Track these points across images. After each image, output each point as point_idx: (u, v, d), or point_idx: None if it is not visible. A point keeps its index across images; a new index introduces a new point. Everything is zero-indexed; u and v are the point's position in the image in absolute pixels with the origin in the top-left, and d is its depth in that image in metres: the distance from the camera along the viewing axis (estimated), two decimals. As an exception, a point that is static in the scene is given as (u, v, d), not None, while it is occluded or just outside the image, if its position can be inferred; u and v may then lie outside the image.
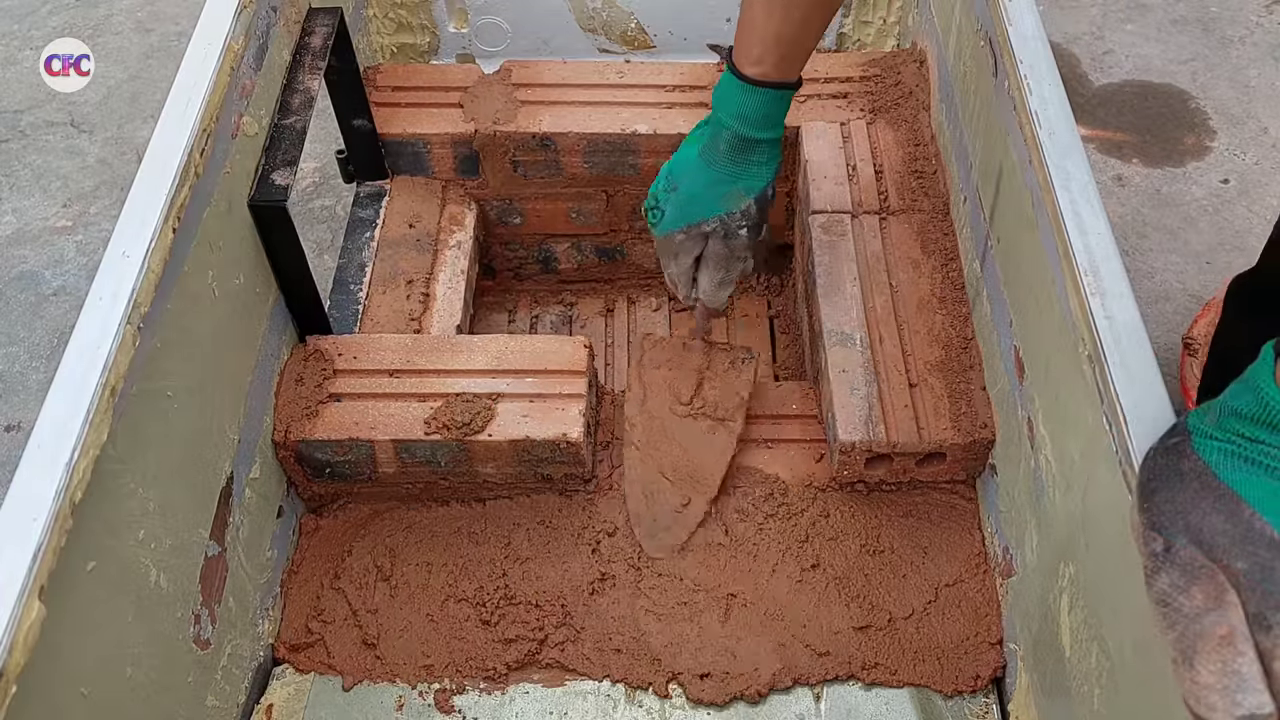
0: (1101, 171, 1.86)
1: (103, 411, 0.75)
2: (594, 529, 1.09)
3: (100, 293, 0.80)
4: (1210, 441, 0.59)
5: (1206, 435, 0.60)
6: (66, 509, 0.70)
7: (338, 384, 1.10)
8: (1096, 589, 0.78)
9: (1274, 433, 0.57)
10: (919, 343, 1.11)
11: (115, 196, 1.93)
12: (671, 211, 1.03)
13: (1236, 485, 0.57)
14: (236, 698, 0.97)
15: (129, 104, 2.09)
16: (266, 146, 1.04)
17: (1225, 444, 0.59)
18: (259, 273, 1.04)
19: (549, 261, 1.46)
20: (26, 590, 0.66)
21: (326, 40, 1.15)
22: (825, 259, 1.18)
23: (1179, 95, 2.03)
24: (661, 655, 1.02)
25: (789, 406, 1.17)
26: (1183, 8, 2.18)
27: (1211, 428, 0.60)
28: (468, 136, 1.30)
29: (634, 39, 1.52)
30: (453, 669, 1.02)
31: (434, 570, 1.08)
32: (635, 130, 1.30)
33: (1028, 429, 0.93)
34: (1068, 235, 0.81)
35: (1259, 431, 0.58)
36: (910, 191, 1.24)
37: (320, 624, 1.05)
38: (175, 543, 0.86)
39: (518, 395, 1.09)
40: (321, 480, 1.10)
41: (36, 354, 1.73)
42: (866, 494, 1.10)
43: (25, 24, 2.25)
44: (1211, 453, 0.59)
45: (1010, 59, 0.96)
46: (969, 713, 0.99)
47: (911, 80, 1.33)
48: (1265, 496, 0.56)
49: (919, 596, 1.04)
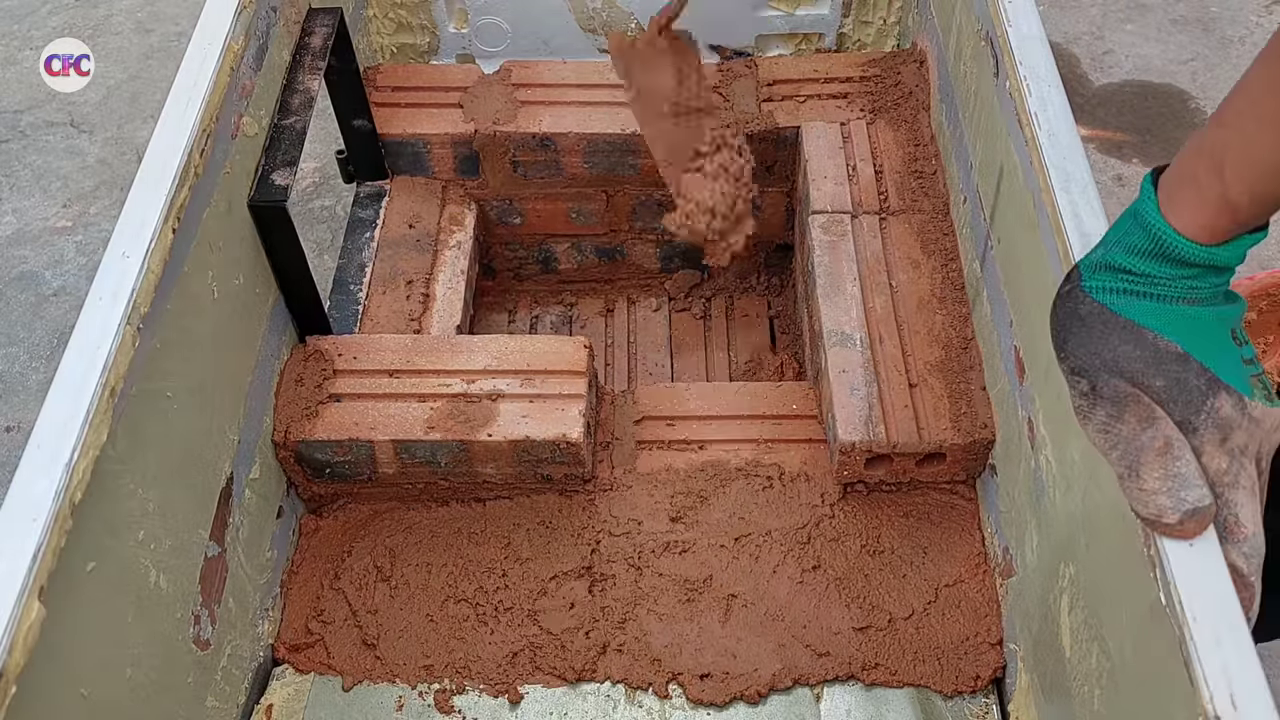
0: (1101, 171, 1.86)
1: (103, 412, 0.75)
2: (594, 529, 1.09)
3: (100, 293, 0.80)
4: (1101, 284, 0.65)
5: (1097, 278, 0.65)
6: (66, 509, 0.70)
7: (338, 384, 1.10)
8: (1097, 589, 0.78)
9: (1164, 263, 0.63)
10: (919, 343, 1.11)
11: (115, 196, 1.94)
12: None
13: (1134, 316, 0.63)
14: (236, 698, 0.97)
15: (129, 104, 2.09)
16: (266, 146, 1.04)
17: (1115, 284, 0.64)
18: (259, 273, 1.04)
19: (549, 261, 1.46)
20: (26, 590, 0.66)
21: (326, 40, 1.15)
22: (825, 259, 1.18)
23: (1179, 95, 2.03)
24: (661, 655, 1.02)
25: (789, 406, 1.17)
26: (1183, 8, 2.18)
27: (1104, 272, 0.65)
28: (468, 136, 1.30)
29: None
30: (452, 669, 1.02)
31: (434, 570, 1.08)
32: (635, 130, 1.29)
33: (1028, 429, 0.93)
34: (1067, 235, 0.81)
35: (1150, 264, 0.63)
36: (910, 191, 1.24)
37: (320, 624, 1.05)
38: (175, 543, 0.86)
39: (518, 395, 1.09)
40: (321, 480, 1.10)
41: (36, 354, 1.73)
42: (866, 494, 1.10)
43: (25, 24, 2.25)
44: (1104, 294, 0.65)
45: (1010, 59, 0.96)
46: (969, 713, 0.99)
47: (911, 80, 1.33)
48: (1162, 320, 0.63)
49: (919, 597, 1.04)
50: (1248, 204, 0.60)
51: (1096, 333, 0.65)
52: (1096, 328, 0.65)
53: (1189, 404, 0.63)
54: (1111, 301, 0.64)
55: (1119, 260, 0.64)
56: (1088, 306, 0.66)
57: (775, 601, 1.04)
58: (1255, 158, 0.58)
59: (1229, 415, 0.62)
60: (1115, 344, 0.64)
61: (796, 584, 1.05)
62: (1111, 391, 0.64)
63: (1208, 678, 0.59)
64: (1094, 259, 0.67)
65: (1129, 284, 0.64)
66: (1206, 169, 0.60)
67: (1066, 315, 0.67)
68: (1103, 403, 0.65)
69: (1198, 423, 0.62)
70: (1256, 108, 0.58)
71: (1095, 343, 0.65)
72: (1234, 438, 0.63)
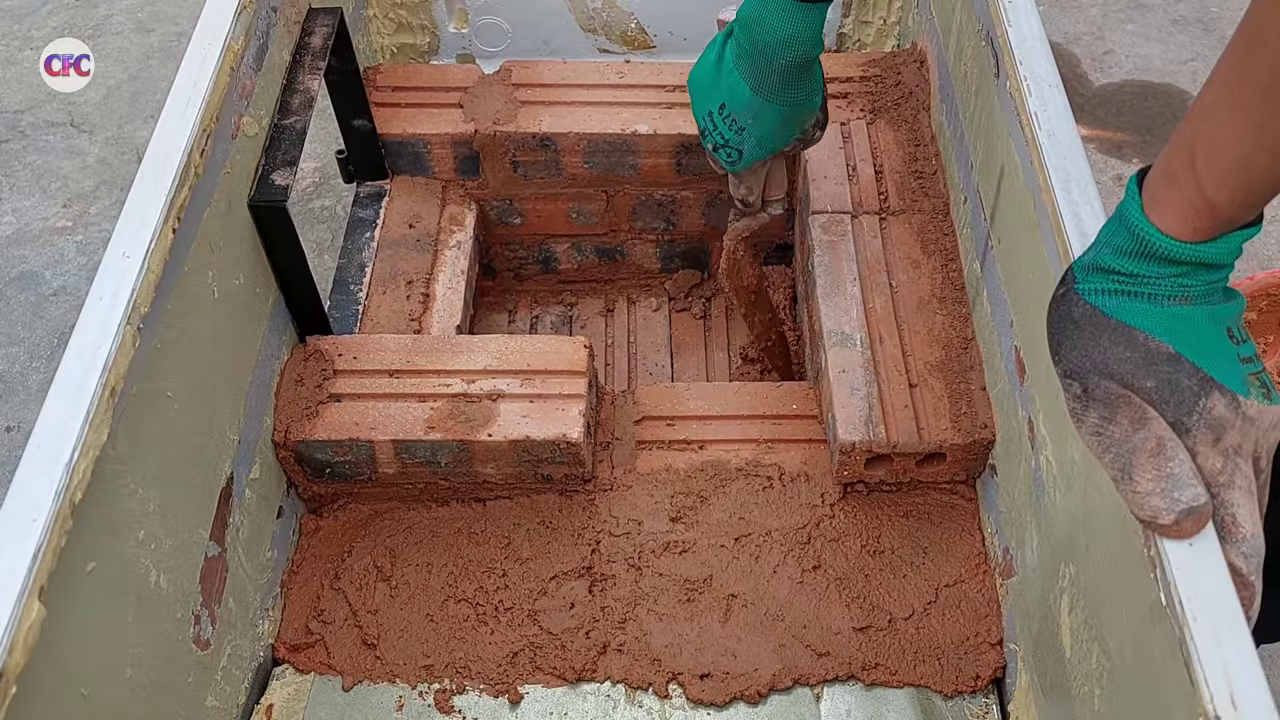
0: (1101, 171, 1.86)
1: (103, 412, 0.75)
2: (594, 529, 1.09)
3: (100, 293, 0.80)
4: (1092, 286, 0.65)
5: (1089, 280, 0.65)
6: (66, 509, 0.70)
7: (338, 384, 1.10)
8: (1097, 589, 0.78)
9: (1151, 262, 0.62)
10: (919, 343, 1.11)
11: (115, 196, 1.94)
12: (750, 149, 1.03)
13: (1124, 318, 0.63)
14: (236, 698, 0.97)
15: (129, 104, 2.09)
16: (266, 146, 1.04)
17: (1105, 285, 0.64)
18: (259, 273, 1.04)
19: (549, 261, 1.46)
20: (26, 590, 0.66)
21: (326, 40, 1.15)
22: (825, 259, 1.18)
23: (1179, 95, 2.03)
24: (661, 655, 1.02)
25: (789, 406, 1.17)
26: (1183, 8, 2.18)
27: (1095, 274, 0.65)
28: (468, 136, 1.30)
29: (634, 39, 1.52)
30: (453, 669, 1.02)
31: (434, 570, 1.08)
32: (635, 130, 1.30)
33: (1028, 429, 0.93)
34: (1068, 236, 0.81)
35: (1137, 264, 0.63)
36: (910, 192, 1.24)
37: (320, 624, 1.05)
38: (175, 543, 0.86)
39: (518, 395, 1.09)
40: (321, 480, 1.10)
41: (36, 354, 1.73)
42: (866, 494, 1.10)
43: (25, 24, 2.25)
44: (1095, 296, 0.65)
45: (1010, 59, 0.96)
46: (969, 713, 0.99)
47: (911, 80, 1.33)
48: (1152, 320, 0.62)
49: (919, 597, 1.04)
50: (1226, 200, 0.59)
51: (1088, 335, 0.65)
52: (1088, 330, 0.65)
53: (1181, 405, 0.62)
54: (1103, 303, 0.64)
55: (1108, 261, 0.64)
56: (1080, 309, 0.65)
57: (775, 601, 1.04)
58: (1225, 149, 0.57)
59: (1222, 415, 0.62)
60: (1106, 346, 0.64)
61: (796, 584, 1.05)
62: (1103, 393, 0.64)
63: (1208, 678, 0.59)
64: (1085, 260, 0.66)
65: (1120, 285, 0.64)
66: (1182, 163, 0.59)
67: (1060, 319, 0.67)
68: (1095, 405, 0.64)
69: (1190, 423, 0.62)
70: (1226, 95, 0.57)
71: (1086, 345, 0.65)
72: (1228, 437, 0.62)
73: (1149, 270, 0.63)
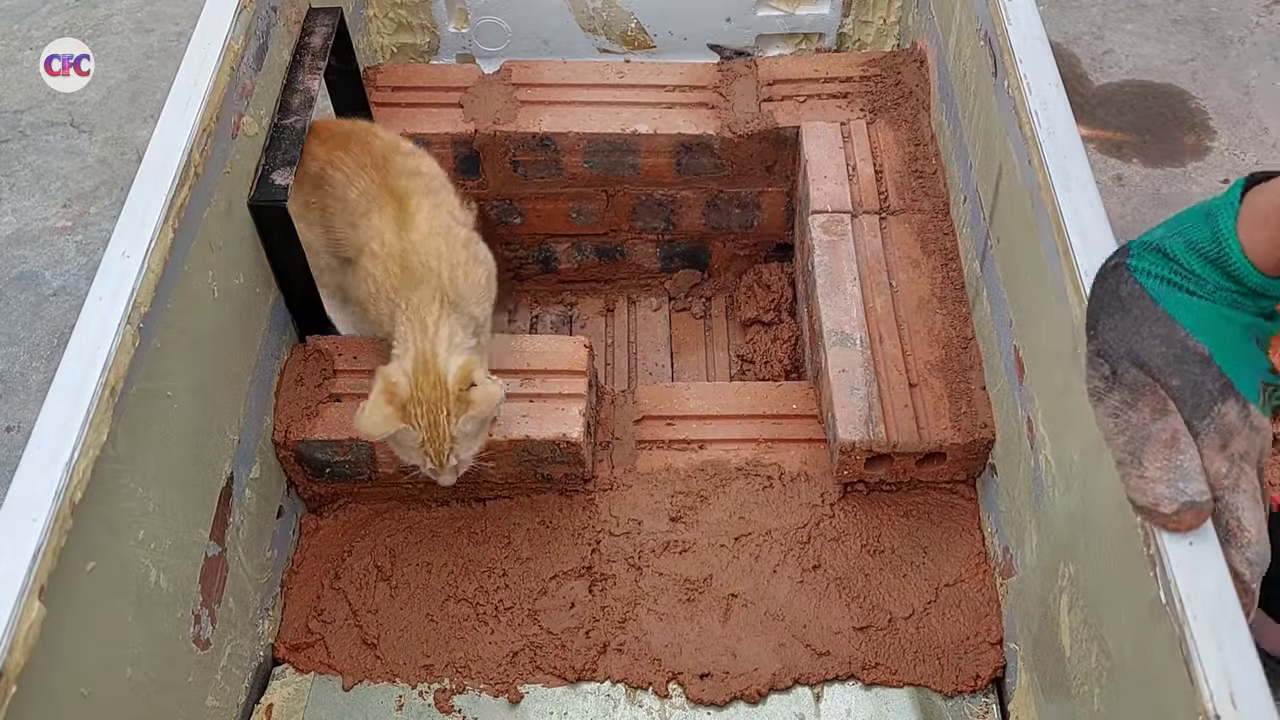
0: (1101, 171, 1.86)
1: (103, 411, 0.75)
2: (594, 529, 1.09)
3: (100, 293, 0.80)
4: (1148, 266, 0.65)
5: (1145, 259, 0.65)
6: (66, 509, 0.70)
7: (338, 384, 1.10)
8: (1096, 588, 0.78)
9: (1219, 273, 0.63)
10: (919, 343, 1.11)
11: (115, 196, 1.93)
12: None
13: (1172, 310, 0.63)
14: (236, 698, 0.97)
15: (129, 104, 2.09)
16: (266, 146, 1.04)
17: (1162, 271, 0.64)
18: (259, 273, 1.04)
19: (549, 261, 1.46)
20: (26, 590, 0.66)
21: (326, 40, 1.15)
22: (825, 259, 1.18)
23: (1179, 95, 2.03)
24: (661, 655, 1.02)
25: (789, 406, 1.17)
26: (1183, 8, 2.18)
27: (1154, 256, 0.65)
28: (468, 136, 1.30)
29: (634, 39, 1.52)
30: (453, 669, 1.02)
31: (434, 570, 1.08)
32: (635, 130, 1.30)
33: (1028, 429, 0.93)
34: (1068, 235, 0.81)
35: (1204, 267, 0.63)
36: (910, 191, 1.24)
37: (320, 624, 1.05)
38: (175, 543, 0.86)
39: (518, 395, 1.09)
40: (321, 480, 1.10)
41: (36, 354, 1.72)
42: (867, 494, 1.10)
43: (25, 24, 2.24)
44: (1147, 278, 0.65)
45: (1010, 59, 0.96)
46: (969, 712, 0.99)
47: (911, 80, 1.33)
48: (1197, 319, 0.63)
49: (919, 596, 1.04)
50: None
51: (1131, 320, 0.65)
52: (1133, 313, 0.65)
53: (1198, 407, 0.63)
54: (1153, 287, 0.64)
55: (1176, 250, 0.64)
56: (1129, 288, 0.65)
57: (775, 601, 1.04)
58: None
59: (1232, 422, 0.62)
60: (1145, 336, 0.64)
61: (796, 583, 1.05)
62: (1131, 379, 0.64)
63: (1208, 677, 0.59)
64: (1149, 239, 0.66)
65: (1176, 276, 0.64)
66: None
67: (1107, 293, 0.67)
68: (1120, 388, 0.65)
69: (1200, 427, 0.63)
70: None
71: (1126, 331, 0.65)
72: (1234, 443, 0.63)
73: (1213, 278, 0.63)
